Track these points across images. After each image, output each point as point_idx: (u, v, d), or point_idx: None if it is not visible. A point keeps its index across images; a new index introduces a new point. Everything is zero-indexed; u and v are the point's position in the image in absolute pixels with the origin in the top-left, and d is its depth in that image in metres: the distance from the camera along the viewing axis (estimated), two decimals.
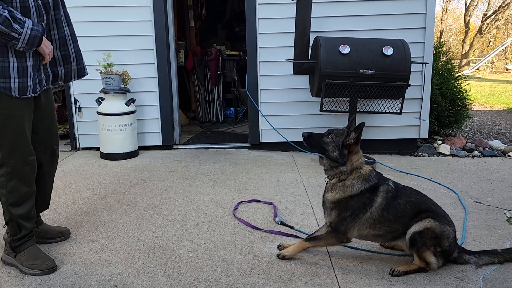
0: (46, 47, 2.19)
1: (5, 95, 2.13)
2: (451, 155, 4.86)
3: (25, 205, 2.30)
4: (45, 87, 2.34)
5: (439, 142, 5.15)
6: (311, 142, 2.45)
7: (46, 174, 2.52)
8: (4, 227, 2.40)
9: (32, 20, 2.13)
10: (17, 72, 2.12)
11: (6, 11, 1.99)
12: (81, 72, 2.51)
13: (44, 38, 2.17)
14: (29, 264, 2.29)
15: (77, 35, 2.48)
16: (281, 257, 2.45)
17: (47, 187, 2.58)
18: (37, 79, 2.23)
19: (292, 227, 2.87)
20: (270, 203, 3.27)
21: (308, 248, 2.46)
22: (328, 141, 2.38)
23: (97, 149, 4.76)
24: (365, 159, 4.45)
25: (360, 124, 2.34)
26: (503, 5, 23.68)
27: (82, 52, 2.52)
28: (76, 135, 4.93)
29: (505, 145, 5.15)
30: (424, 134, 4.87)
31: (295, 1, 4.14)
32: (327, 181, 2.44)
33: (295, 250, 2.45)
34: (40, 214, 2.65)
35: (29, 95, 2.19)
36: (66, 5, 2.41)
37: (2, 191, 2.27)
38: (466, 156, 4.82)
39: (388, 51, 3.96)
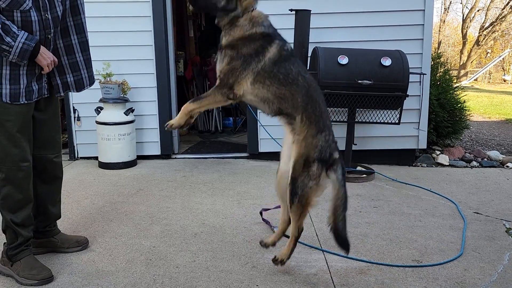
0: (44, 58, 2.21)
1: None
2: (450, 165, 4.86)
3: (20, 213, 2.30)
4: (46, 95, 2.36)
5: (438, 152, 5.16)
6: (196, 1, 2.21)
7: (55, 181, 2.56)
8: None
9: (35, 33, 2.17)
10: (8, 79, 2.16)
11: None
12: (92, 80, 2.53)
13: (42, 49, 2.19)
14: (25, 274, 2.27)
15: None
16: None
17: (57, 195, 2.62)
18: (34, 87, 2.25)
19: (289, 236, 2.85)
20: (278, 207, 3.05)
21: (194, 110, 2.15)
22: None
23: (96, 158, 4.75)
24: (364, 169, 4.48)
25: None
26: (500, 17, 23.90)
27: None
28: (75, 144, 4.93)
29: (504, 156, 5.16)
30: (423, 145, 4.88)
31: (294, 12, 4.18)
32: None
33: (178, 119, 2.15)
34: (56, 223, 2.68)
35: (22, 102, 2.20)
36: None
37: None
38: (464, 167, 4.83)
39: (386, 61, 3.98)
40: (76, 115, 4.84)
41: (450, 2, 27.69)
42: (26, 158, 2.28)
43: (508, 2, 22.74)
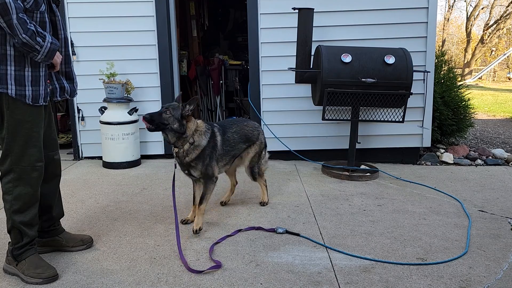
0: (58, 57, 2.32)
1: (19, 101, 2.21)
2: (454, 163, 4.85)
3: (28, 212, 2.32)
4: (56, 99, 2.44)
5: (442, 150, 5.14)
6: (153, 121, 2.77)
7: (55, 179, 2.57)
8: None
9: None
10: (31, 81, 2.22)
11: (32, 25, 2.12)
12: (76, 90, 2.61)
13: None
14: (30, 273, 2.28)
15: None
16: (197, 232, 2.86)
17: (58, 193, 2.64)
18: (48, 89, 2.33)
19: (298, 234, 2.87)
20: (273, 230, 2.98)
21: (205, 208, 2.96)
22: (167, 116, 2.78)
23: (100, 158, 4.77)
24: (368, 167, 4.47)
25: (193, 98, 2.84)
26: (505, 15, 23.77)
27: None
28: (79, 144, 4.95)
29: (508, 154, 5.13)
30: (427, 143, 4.86)
31: (297, 11, 4.17)
32: (177, 150, 2.87)
33: (201, 218, 2.92)
34: (60, 222, 2.69)
35: (41, 103, 2.28)
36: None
37: (7, 198, 2.29)
38: (469, 165, 4.81)
39: (390, 59, 3.97)
40: (80, 115, 4.86)
41: (454, 0, 27.58)
42: (41, 158, 2.33)
43: None
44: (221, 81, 6.74)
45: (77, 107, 4.85)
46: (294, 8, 4.20)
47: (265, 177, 3.48)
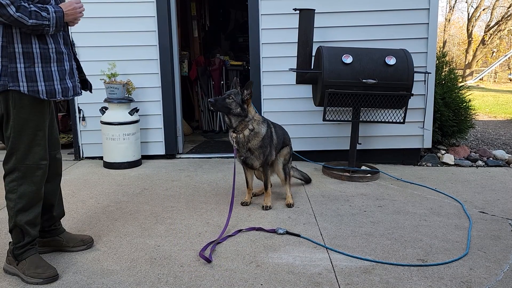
0: (72, 14, 2.31)
1: (26, 100, 2.21)
2: (455, 165, 4.84)
3: (32, 211, 2.32)
4: (80, 94, 2.45)
5: (443, 151, 5.13)
6: (217, 106, 3.07)
7: (56, 179, 2.58)
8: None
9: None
10: (42, 76, 2.23)
11: (31, 6, 2.14)
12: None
13: (64, 9, 2.27)
14: (30, 273, 2.28)
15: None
16: (267, 208, 3.34)
17: (59, 193, 2.64)
18: (69, 84, 2.33)
19: (298, 235, 2.87)
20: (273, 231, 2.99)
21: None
22: (230, 101, 3.07)
23: (101, 158, 4.77)
24: (368, 168, 4.47)
25: (248, 82, 3.14)
26: (506, 16, 23.75)
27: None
28: (80, 144, 4.95)
29: (509, 155, 5.12)
30: (428, 144, 4.86)
31: (298, 12, 4.17)
32: (236, 135, 3.16)
33: (269, 198, 3.38)
34: (60, 222, 2.70)
35: (59, 98, 2.29)
36: None
37: (11, 196, 2.30)
38: (470, 166, 4.80)
39: (391, 60, 3.97)
40: (81, 115, 4.86)
41: (455, 1, 27.59)
42: (46, 156, 2.34)
43: None
44: (222, 82, 6.74)
45: (78, 107, 4.85)
46: (295, 9, 4.20)
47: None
